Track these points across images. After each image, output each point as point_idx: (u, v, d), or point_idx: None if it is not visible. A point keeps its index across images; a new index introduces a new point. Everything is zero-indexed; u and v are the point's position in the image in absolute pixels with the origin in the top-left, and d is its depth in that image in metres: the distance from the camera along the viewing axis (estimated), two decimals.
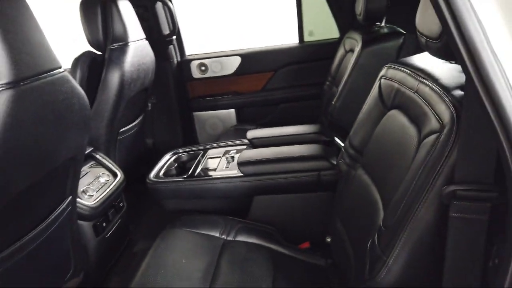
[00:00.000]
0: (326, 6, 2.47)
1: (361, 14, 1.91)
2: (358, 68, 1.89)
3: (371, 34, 1.97)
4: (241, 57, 2.66)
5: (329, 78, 2.36)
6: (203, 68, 2.70)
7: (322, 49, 2.61)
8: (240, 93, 2.74)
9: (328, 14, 2.50)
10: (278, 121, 2.59)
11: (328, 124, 2.11)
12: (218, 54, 2.70)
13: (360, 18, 1.94)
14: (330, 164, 1.53)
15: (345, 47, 2.22)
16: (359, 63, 1.89)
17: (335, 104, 2.00)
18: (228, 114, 2.76)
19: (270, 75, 2.69)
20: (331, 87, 2.30)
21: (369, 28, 2.03)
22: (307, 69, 2.65)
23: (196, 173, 1.67)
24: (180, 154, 1.91)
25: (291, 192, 1.56)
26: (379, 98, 1.16)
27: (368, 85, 1.25)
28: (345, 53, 2.20)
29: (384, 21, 2.12)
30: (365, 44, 1.89)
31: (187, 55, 2.76)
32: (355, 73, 1.90)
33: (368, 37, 1.93)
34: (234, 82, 2.71)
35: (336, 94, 2.00)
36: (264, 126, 2.21)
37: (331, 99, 2.09)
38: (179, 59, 2.70)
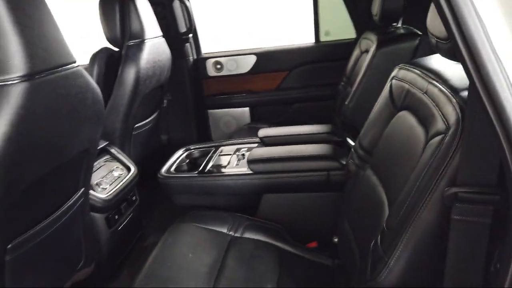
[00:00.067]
0: (343, 6, 2.46)
1: (377, 14, 1.90)
2: (372, 68, 1.88)
3: (387, 34, 1.95)
4: (256, 56, 2.66)
5: (344, 78, 2.35)
6: (218, 66, 2.72)
7: (338, 49, 2.60)
8: (254, 92, 2.75)
9: (345, 14, 2.49)
10: (292, 121, 2.58)
11: (341, 125, 2.10)
12: (234, 53, 2.71)
13: (376, 19, 1.92)
14: (340, 164, 1.52)
15: (361, 48, 2.20)
16: (373, 63, 1.87)
17: (348, 104, 1.98)
18: (242, 112, 2.78)
19: (285, 74, 2.68)
20: (345, 88, 2.29)
21: (385, 28, 2.01)
22: (322, 69, 2.64)
23: (207, 170, 1.69)
24: (192, 150, 1.94)
25: (300, 191, 1.56)
26: (389, 98, 1.15)
27: (381, 86, 1.23)
28: (361, 53, 2.18)
29: (400, 22, 2.10)
30: (380, 44, 1.87)
31: (203, 53, 2.79)
32: (369, 74, 1.89)
33: (383, 38, 1.91)
34: (249, 81, 2.72)
35: (350, 95, 1.99)
36: (278, 125, 2.21)
37: (345, 99, 2.07)
38: (195, 57, 2.73)
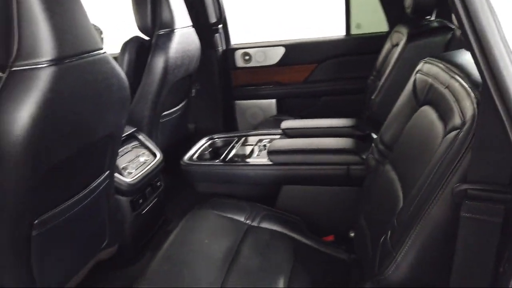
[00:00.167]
0: None
1: (409, 7, 1.84)
2: (401, 62, 1.83)
3: (418, 28, 1.88)
4: (285, 48, 2.65)
5: (374, 72, 2.30)
6: (247, 57, 2.73)
7: (369, 42, 2.54)
8: (282, 84, 2.73)
9: (377, 7, 2.42)
10: (319, 114, 2.55)
11: (367, 119, 2.06)
12: (262, 44, 2.71)
13: (409, 11, 1.87)
14: (360, 159, 1.50)
15: (392, 41, 2.14)
16: (403, 57, 1.83)
17: (375, 98, 1.95)
18: (269, 104, 2.77)
19: (313, 67, 2.65)
20: (375, 82, 2.24)
21: (418, 22, 1.95)
22: (352, 62, 2.59)
23: (228, 159, 1.72)
24: (215, 139, 1.97)
25: (319, 184, 1.55)
26: (412, 93, 1.13)
27: None
28: (392, 47, 2.13)
29: (434, 15, 2.02)
30: (410, 38, 1.82)
31: (232, 44, 2.80)
32: (397, 67, 1.84)
33: (414, 31, 1.85)
34: (277, 73, 2.71)
35: (377, 88, 1.95)
36: (304, 118, 2.20)
37: (373, 93, 2.04)
38: (224, 47, 2.75)
